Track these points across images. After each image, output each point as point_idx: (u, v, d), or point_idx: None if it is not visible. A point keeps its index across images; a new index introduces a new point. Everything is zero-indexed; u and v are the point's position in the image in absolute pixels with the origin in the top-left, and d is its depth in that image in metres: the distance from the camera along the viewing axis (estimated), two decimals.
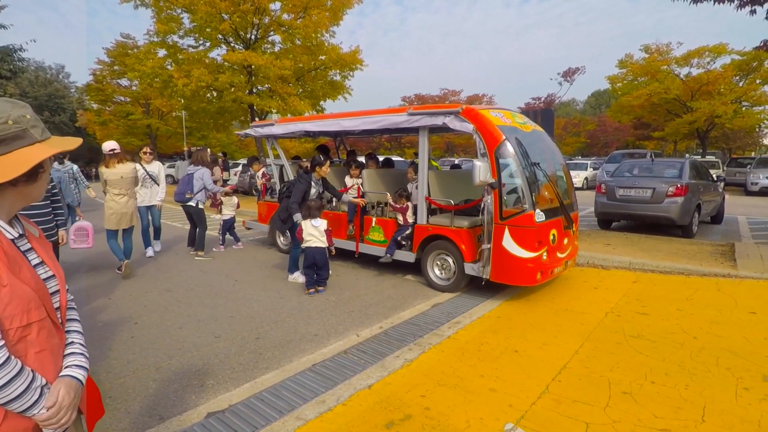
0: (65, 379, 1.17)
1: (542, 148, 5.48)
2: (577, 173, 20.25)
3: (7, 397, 1.02)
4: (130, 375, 3.31)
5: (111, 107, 31.39)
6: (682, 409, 2.73)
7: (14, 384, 1.02)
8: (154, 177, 7.13)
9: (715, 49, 23.78)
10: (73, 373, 1.19)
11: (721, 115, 23.34)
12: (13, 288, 1.05)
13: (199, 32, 16.28)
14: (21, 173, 1.06)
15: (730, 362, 3.35)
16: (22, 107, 1.11)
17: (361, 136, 9.20)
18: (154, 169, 7.17)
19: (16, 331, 1.06)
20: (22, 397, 1.04)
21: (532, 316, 4.44)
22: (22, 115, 1.09)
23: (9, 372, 1.02)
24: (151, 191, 7.18)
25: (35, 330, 1.11)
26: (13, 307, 1.04)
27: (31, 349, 1.10)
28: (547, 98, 32.84)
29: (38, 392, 1.08)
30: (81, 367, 1.22)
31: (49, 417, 1.09)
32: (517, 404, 2.83)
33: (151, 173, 7.11)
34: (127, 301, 5.03)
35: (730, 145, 38.12)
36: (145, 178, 7.01)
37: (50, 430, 1.12)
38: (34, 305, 1.09)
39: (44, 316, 1.13)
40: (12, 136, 1.07)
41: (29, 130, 1.10)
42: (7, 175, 1.04)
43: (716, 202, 9.91)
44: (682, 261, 6.14)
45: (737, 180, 19.51)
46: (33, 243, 1.18)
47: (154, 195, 7.23)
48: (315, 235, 5.28)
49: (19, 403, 1.04)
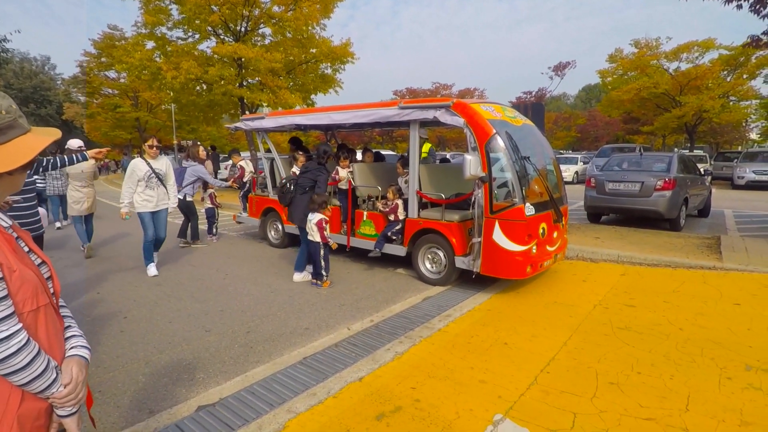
0: (74, 357, 1.21)
1: (533, 142, 5.51)
2: (567, 167, 20.41)
3: (29, 376, 1.05)
4: (120, 369, 3.29)
5: (99, 100, 30.87)
6: (667, 399, 2.79)
7: (35, 364, 1.06)
8: (161, 175, 5.77)
9: (703, 44, 24.03)
10: (80, 352, 1.23)
11: (709, 109, 23.64)
12: (22, 273, 1.08)
13: (188, 24, 16.01)
14: (26, 161, 1.08)
15: (714, 353, 3.41)
16: (5, 97, 1.11)
17: (353, 129, 9.16)
18: (160, 166, 5.81)
19: (28, 315, 1.10)
20: (42, 376, 1.08)
21: (522, 309, 4.48)
22: (9, 105, 1.10)
23: (30, 352, 1.05)
24: (158, 193, 5.76)
25: (42, 314, 1.14)
26: (24, 292, 1.08)
27: (41, 332, 1.13)
28: (538, 92, 32.92)
29: (55, 372, 1.12)
30: (85, 347, 1.26)
31: (68, 393, 1.13)
32: (507, 395, 2.86)
33: (158, 171, 5.75)
34: (116, 295, 4.98)
35: (717, 140, 38.59)
36: (150, 177, 5.68)
37: (67, 408, 1.15)
38: (40, 290, 1.13)
39: (48, 300, 1.17)
40: (7, 126, 1.08)
41: (18, 120, 1.11)
42: (12, 163, 1.06)
43: (703, 195, 10.05)
44: (669, 254, 6.23)
45: (724, 174, 19.79)
46: (18, 232, 1.20)
47: (161, 198, 5.82)
48: (311, 229, 5.30)
49: (39, 382, 1.07)
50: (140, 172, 5.64)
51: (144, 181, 5.65)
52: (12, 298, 1.05)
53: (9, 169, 1.06)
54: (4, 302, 1.02)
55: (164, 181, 5.83)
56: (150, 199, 5.71)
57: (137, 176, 5.63)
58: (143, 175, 5.64)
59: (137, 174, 5.63)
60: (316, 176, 5.50)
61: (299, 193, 5.50)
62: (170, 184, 5.95)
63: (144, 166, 5.68)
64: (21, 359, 1.03)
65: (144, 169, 5.66)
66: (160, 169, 5.79)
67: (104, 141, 35.70)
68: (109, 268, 6.13)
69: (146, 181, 5.67)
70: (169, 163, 6.01)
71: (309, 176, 5.52)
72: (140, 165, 5.68)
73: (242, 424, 2.57)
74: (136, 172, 5.64)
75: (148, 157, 5.77)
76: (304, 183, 5.51)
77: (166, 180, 5.87)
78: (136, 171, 5.64)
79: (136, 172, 5.64)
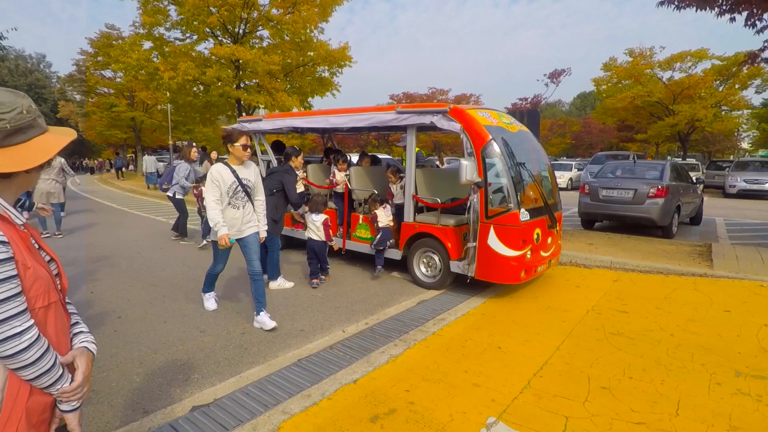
0: (84, 350, 1.23)
1: (528, 149, 5.56)
2: (561, 174, 20.56)
3: (37, 371, 1.07)
4: (114, 369, 3.28)
5: (94, 98, 30.70)
6: (657, 403, 2.83)
7: (44, 359, 1.08)
8: (249, 189, 4.12)
9: (696, 54, 24.35)
10: (88, 346, 1.26)
11: (702, 118, 23.92)
12: (36, 270, 1.10)
13: (186, 25, 16.03)
14: (46, 160, 1.11)
15: (705, 358, 3.46)
16: (25, 97, 1.13)
17: (350, 133, 9.19)
18: (249, 175, 4.13)
19: (39, 311, 1.12)
20: (49, 372, 1.10)
21: (516, 314, 4.52)
22: (30, 105, 1.12)
23: (40, 348, 1.07)
24: (243, 213, 4.08)
25: (53, 310, 1.17)
26: (36, 288, 1.10)
27: (50, 328, 1.16)
28: (534, 99, 33.12)
29: (62, 368, 1.14)
30: (93, 343, 1.29)
31: (77, 386, 1.16)
32: (500, 399, 2.89)
33: (246, 182, 4.09)
34: (110, 295, 4.96)
35: (709, 148, 39.07)
36: (237, 190, 4.02)
37: (73, 402, 1.17)
38: (51, 287, 1.16)
39: (58, 297, 1.19)
40: (28, 125, 1.10)
41: (37, 120, 1.14)
42: (32, 162, 1.09)
43: (695, 203, 10.17)
44: (661, 261, 6.30)
45: (716, 182, 20.00)
46: (29, 230, 1.22)
47: (248, 219, 4.13)
48: (313, 229, 5.45)
49: (47, 377, 1.10)
50: (224, 184, 4.00)
51: (228, 197, 4.02)
52: (25, 294, 1.07)
53: (27, 168, 1.09)
54: (18, 298, 1.05)
55: (252, 197, 4.21)
56: (233, 222, 4.07)
57: (220, 189, 4.00)
58: (228, 188, 4.00)
59: (220, 186, 4.00)
60: (281, 178, 5.20)
61: (266, 196, 4.66)
62: (259, 200, 4.31)
63: (229, 176, 4.01)
64: (31, 354, 1.05)
65: (229, 180, 4.01)
66: (248, 180, 4.14)
67: (99, 140, 35.52)
68: (103, 268, 6.10)
69: (231, 197, 4.03)
70: (258, 172, 4.32)
71: (275, 177, 5.27)
72: (224, 173, 4.01)
73: (237, 425, 2.58)
74: (219, 183, 3.99)
75: (235, 162, 4.08)
76: (270, 185, 5.09)
77: (254, 194, 4.24)
78: (218, 181, 3.98)
79: (218, 182, 3.98)
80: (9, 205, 1.13)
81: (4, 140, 1.07)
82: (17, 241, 1.08)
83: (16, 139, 1.09)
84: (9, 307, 1.03)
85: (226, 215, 4.02)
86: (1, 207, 1.11)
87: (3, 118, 1.06)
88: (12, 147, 1.08)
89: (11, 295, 1.03)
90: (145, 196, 17.07)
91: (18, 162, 1.08)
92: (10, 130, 1.07)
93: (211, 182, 3.97)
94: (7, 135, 1.07)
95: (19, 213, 1.15)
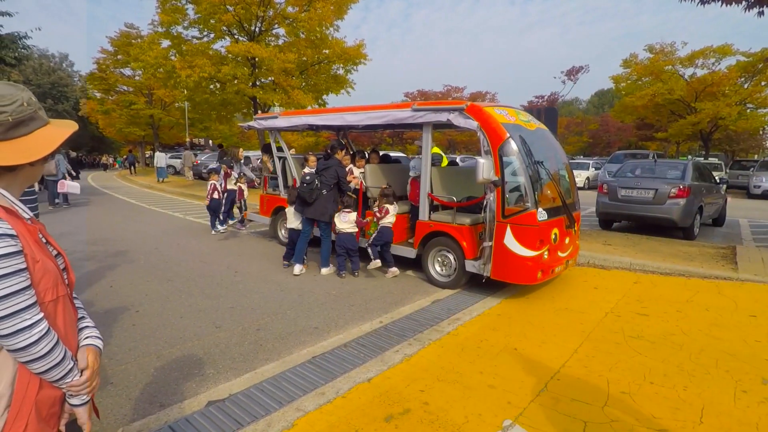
0: (90, 346, 1.24)
1: (546, 147, 5.46)
2: (579, 173, 20.21)
3: (47, 365, 1.07)
4: (132, 362, 3.32)
5: (114, 96, 31.29)
6: (680, 410, 2.75)
7: (54, 353, 1.08)
8: None
9: (720, 50, 23.62)
10: (94, 342, 1.26)
11: (725, 116, 23.24)
12: (45, 264, 1.10)
13: (203, 23, 16.20)
14: (48, 152, 1.11)
15: (730, 365, 3.36)
16: (25, 90, 1.13)
17: (365, 130, 9.17)
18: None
19: (48, 304, 1.12)
20: (59, 365, 1.10)
21: (532, 315, 4.45)
22: (30, 98, 1.12)
23: (50, 341, 1.08)
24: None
25: (61, 304, 1.17)
26: (45, 282, 1.10)
27: (59, 322, 1.16)
28: (550, 97, 32.65)
29: (72, 361, 1.15)
30: (98, 338, 1.30)
31: (84, 381, 1.16)
32: (516, 401, 2.84)
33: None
34: (128, 289, 5.04)
35: (733, 148, 37.96)
36: None
37: (82, 396, 1.17)
38: (59, 280, 1.16)
39: (65, 291, 1.20)
40: (29, 118, 1.10)
41: (38, 112, 1.13)
42: (34, 155, 1.09)
43: (718, 204, 9.90)
44: (682, 263, 6.14)
45: (740, 183, 19.48)
46: (36, 225, 1.22)
47: None
48: (348, 223, 5.76)
49: (57, 370, 1.10)
50: None
51: None
52: (34, 288, 1.07)
53: (31, 160, 1.09)
54: (28, 291, 1.05)
55: None
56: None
57: None
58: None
59: None
60: (336, 171, 5.75)
61: (325, 190, 5.70)
62: None
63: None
64: (41, 347, 1.05)
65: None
66: None
67: (119, 137, 36.19)
68: (122, 263, 6.20)
69: None
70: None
71: (331, 173, 5.73)
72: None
73: (251, 421, 2.58)
74: None
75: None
76: (328, 180, 5.71)
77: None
78: None
79: None
80: (15, 199, 1.13)
81: (7, 133, 1.07)
82: (25, 235, 1.08)
83: (18, 131, 1.08)
84: (18, 300, 1.02)
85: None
86: (8, 200, 1.10)
87: (4, 110, 1.06)
88: (15, 140, 1.08)
89: (21, 288, 1.03)
90: (163, 192, 17.34)
91: (21, 155, 1.07)
92: (12, 122, 1.07)
93: None
94: (9, 128, 1.07)
95: (25, 207, 1.15)
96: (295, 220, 6.03)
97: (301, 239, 5.90)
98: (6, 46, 13.67)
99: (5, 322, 1.01)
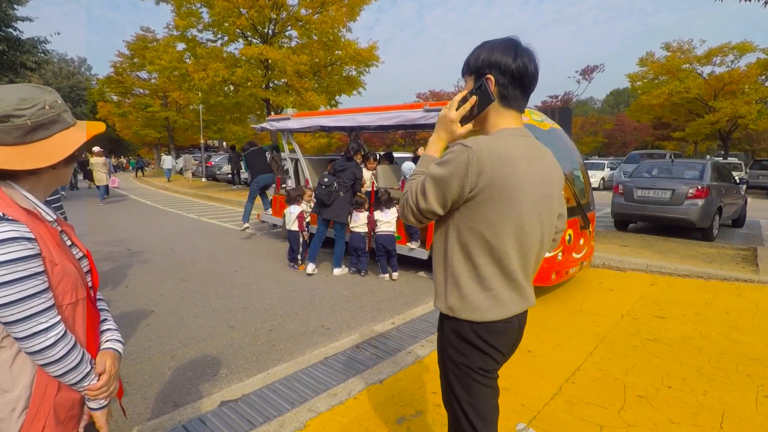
0: (108, 351, 1.24)
1: (560, 147, 5.38)
2: (593, 173, 19.91)
3: (63, 368, 1.07)
4: (147, 361, 3.37)
5: (130, 99, 31.86)
6: (699, 415, 2.68)
7: (70, 356, 1.08)
8: None
9: (739, 47, 23.09)
10: (114, 346, 1.27)
11: (745, 115, 22.71)
12: (64, 266, 1.10)
13: (217, 27, 16.40)
14: (66, 156, 1.10)
15: (751, 369, 3.27)
16: (51, 92, 1.13)
17: (377, 131, 9.17)
18: None
19: (67, 307, 1.11)
20: (76, 369, 1.10)
21: (546, 317, 4.39)
22: (54, 100, 1.11)
23: (66, 345, 1.07)
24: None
25: (81, 307, 1.16)
26: (64, 285, 1.10)
27: (78, 325, 1.16)
28: (565, 96, 32.31)
29: (90, 364, 1.14)
30: (119, 341, 1.30)
31: (101, 385, 1.16)
32: (530, 404, 2.80)
33: None
34: (144, 289, 5.12)
35: (753, 147, 37.07)
36: None
37: (100, 400, 1.18)
38: (79, 283, 1.15)
39: (86, 294, 1.19)
40: (50, 121, 1.10)
41: (62, 115, 1.13)
42: (53, 158, 1.08)
43: (738, 205, 9.66)
44: (701, 264, 6.01)
45: (760, 183, 19.00)
46: (63, 226, 1.22)
47: None
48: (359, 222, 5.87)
49: (75, 373, 1.10)
50: None
51: None
52: (52, 291, 1.07)
53: (50, 163, 1.08)
54: (45, 294, 1.04)
55: None
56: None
57: None
58: None
59: None
60: (354, 173, 5.84)
61: (342, 192, 5.80)
62: None
63: None
64: (57, 351, 1.05)
65: None
66: None
67: (135, 139, 36.82)
68: (138, 263, 6.30)
69: None
70: None
71: (348, 174, 5.82)
72: None
73: (264, 421, 2.59)
74: None
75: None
76: (345, 182, 5.80)
77: None
78: None
79: None
80: (39, 201, 1.12)
81: (26, 137, 1.06)
82: (45, 238, 1.07)
83: (37, 135, 1.07)
84: (36, 303, 1.02)
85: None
86: (30, 203, 1.10)
87: (23, 114, 1.05)
88: (33, 143, 1.07)
89: (38, 291, 1.03)
90: (178, 194, 17.58)
91: (40, 158, 1.07)
92: (31, 126, 1.06)
93: None
94: (28, 131, 1.06)
95: (48, 208, 1.15)
96: (291, 221, 6.13)
97: (315, 239, 5.93)
98: (27, 50, 13.98)
99: (21, 324, 1.01)
